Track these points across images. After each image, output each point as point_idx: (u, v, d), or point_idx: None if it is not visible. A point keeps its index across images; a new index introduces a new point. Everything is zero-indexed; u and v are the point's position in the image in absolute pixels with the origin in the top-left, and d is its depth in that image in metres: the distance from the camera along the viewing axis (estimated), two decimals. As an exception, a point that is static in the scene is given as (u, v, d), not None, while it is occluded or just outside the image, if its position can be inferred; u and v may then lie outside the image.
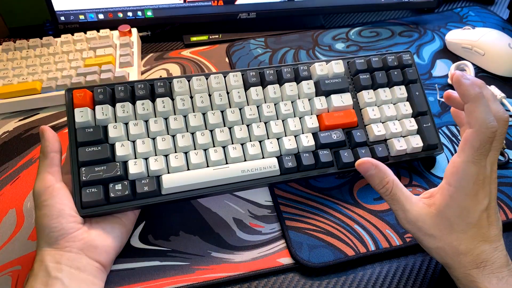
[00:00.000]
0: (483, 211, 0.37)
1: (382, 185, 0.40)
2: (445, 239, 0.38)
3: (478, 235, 0.37)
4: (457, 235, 0.37)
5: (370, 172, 0.40)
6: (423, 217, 0.38)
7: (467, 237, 0.37)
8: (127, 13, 0.69)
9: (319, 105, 0.49)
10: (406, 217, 0.39)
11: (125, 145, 0.44)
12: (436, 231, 0.38)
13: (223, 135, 0.46)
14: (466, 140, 0.37)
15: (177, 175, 0.43)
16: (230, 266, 0.44)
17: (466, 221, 0.37)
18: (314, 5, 0.71)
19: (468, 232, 0.37)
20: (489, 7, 0.79)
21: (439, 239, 0.38)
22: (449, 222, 0.37)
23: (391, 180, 0.39)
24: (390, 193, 0.39)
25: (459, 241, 0.37)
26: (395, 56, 0.52)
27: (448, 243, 0.38)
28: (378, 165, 0.40)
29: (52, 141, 0.42)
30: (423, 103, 0.50)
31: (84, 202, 0.41)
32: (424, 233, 0.38)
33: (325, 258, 0.44)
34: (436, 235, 0.38)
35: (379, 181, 0.40)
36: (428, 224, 0.38)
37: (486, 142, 0.36)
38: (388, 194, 0.39)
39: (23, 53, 0.62)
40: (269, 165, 0.45)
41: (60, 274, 0.37)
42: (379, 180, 0.40)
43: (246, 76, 0.49)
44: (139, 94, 0.46)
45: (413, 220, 0.38)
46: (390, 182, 0.39)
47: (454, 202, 0.37)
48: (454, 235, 0.37)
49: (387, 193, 0.39)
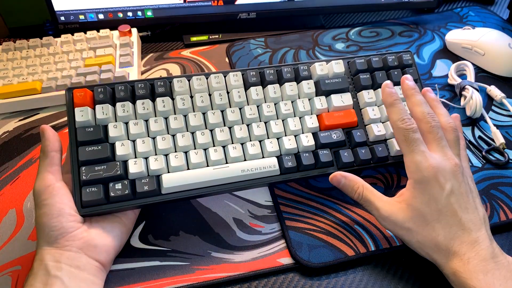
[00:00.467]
0: (448, 195, 0.38)
1: (354, 191, 0.43)
2: (422, 232, 0.39)
3: (453, 223, 0.38)
4: (432, 225, 0.38)
5: (342, 183, 0.44)
6: (395, 212, 0.40)
7: (442, 226, 0.38)
8: (127, 13, 0.69)
9: (319, 105, 0.49)
10: (380, 215, 0.41)
11: (125, 144, 0.44)
12: (410, 224, 0.39)
13: (223, 134, 0.46)
14: (396, 140, 0.43)
15: (177, 174, 0.43)
16: (230, 266, 0.44)
17: (435, 207, 0.38)
18: (314, 5, 0.71)
19: (442, 220, 0.38)
20: (489, 7, 0.79)
21: (416, 232, 0.39)
22: (420, 213, 0.39)
23: (361, 185, 0.43)
24: (362, 197, 0.42)
25: (435, 231, 0.38)
26: (395, 56, 0.52)
27: (426, 235, 0.38)
28: (347, 176, 0.44)
29: (52, 140, 0.42)
30: (423, 103, 0.50)
31: (84, 201, 0.41)
32: (400, 227, 0.40)
33: (325, 258, 0.44)
34: (412, 228, 0.39)
35: (351, 189, 0.43)
36: (401, 218, 0.39)
37: (409, 133, 0.41)
38: (361, 198, 0.43)
39: (23, 53, 0.62)
40: (269, 164, 0.45)
41: (60, 273, 0.37)
42: (350, 188, 0.43)
43: (246, 76, 0.49)
44: (139, 94, 0.46)
45: (386, 215, 0.40)
46: (360, 187, 0.43)
47: (418, 192, 0.39)
48: (429, 226, 0.38)
49: (360, 197, 0.43)
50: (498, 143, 0.54)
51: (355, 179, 0.43)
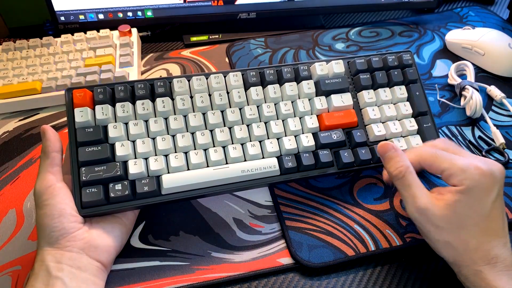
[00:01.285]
0: (494, 200, 0.37)
1: (396, 167, 0.40)
2: (455, 233, 0.37)
3: (489, 228, 0.37)
4: (469, 229, 0.37)
5: (389, 154, 0.41)
6: (432, 207, 0.38)
7: (479, 231, 0.37)
8: (127, 13, 0.69)
9: (319, 105, 0.49)
10: (415, 204, 0.39)
11: (125, 145, 0.44)
12: (445, 224, 0.38)
13: (223, 135, 0.46)
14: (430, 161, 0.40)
15: (177, 175, 0.43)
16: (230, 266, 0.44)
17: (479, 212, 0.37)
18: (314, 5, 0.71)
19: (481, 225, 0.37)
20: (489, 7, 0.79)
21: (449, 233, 0.38)
22: (460, 216, 0.37)
23: (406, 165, 0.40)
24: (403, 177, 0.40)
25: (470, 235, 0.37)
26: (395, 56, 0.52)
27: (458, 238, 0.37)
28: (398, 149, 0.42)
29: (53, 140, 0.42)
30: (424, 103, 0.51)
31: (84, 202, 0.41)
32: (432, 224, 0.38)
33: (325, 258, 0.44)
34: (445, 228, 0.38)
35: (395, 163, 0.41)
36: (438, 215, 0.38)
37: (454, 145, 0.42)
38: (400, 177, 0.40)
39: (23, 53, 0.62)
40: (269, 165, 0.45)
41: (61, 273, 0.37)
42: (395, 162, 0.41)
43: (246, 76, 0.49)
44: (139, 94, 0.46)
45: (422, 208, 0.38)
46: (405, 167, 0.40)
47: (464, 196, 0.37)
48: (465, 230, 0.37)
49: (400, 176, 0.40)
50: (498, 143, 0.54)
51: (403, 157, 0.41)
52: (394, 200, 0.49)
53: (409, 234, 0.46)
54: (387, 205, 0.48)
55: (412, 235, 0.45)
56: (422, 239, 0.45)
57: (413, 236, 0.45)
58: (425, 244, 0.45)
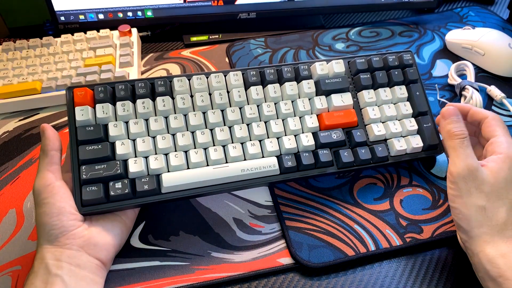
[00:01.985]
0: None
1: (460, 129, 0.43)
2: (490, 200, 0.39)
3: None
4: (504, 201, 0.39)
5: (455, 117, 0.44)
6: (482, 170, 0.40)
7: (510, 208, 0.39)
8: (127, 13, 0.69)
9: (319, 104, 0.49)
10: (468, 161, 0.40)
11: (125, 143, 0.44)
12: (488, 188, 0.39)
13: (223, 134, 0.46)
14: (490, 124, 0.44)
15: (177, 174, 0.43)
16: (230, 266, 0.43)
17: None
18: (314, 5, 0.71)
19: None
20: (489, 7, 0.79)
21: (488, 198, 0.39)
22: (499, 185, 0.39)
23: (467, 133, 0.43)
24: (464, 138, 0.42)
25: (504, 207, 0.39)
26: (395, 56, 0.52)
27: (492, 206, 0.39)
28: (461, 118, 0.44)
29: (52, 139, 0.42)
30: (424, 103, 0.50)
31: (84, 200, 0.41)
32: (477, 186, 0.39)
33: (325, 258, 0.44)
34: (487, 192, 0.39)
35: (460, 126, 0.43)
36: (484, 179, 0.40)
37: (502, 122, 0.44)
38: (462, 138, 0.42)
39: (23, 53, 0.62)
40: (268, 164, 0.45)
41: (60, 271, 0.37)
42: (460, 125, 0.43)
43: (247, 75, 0.49)
44: (140, 93, 0.46)
45: (474, 166, 0.40)
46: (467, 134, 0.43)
47: (506, 166, 0.40)
48: (501, 201, 0.39)
49: (462, 136, 0.42)
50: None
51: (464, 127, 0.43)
52: (394, 200, 0.49)
53: (409, 234, 0.46)
54: (387, 205, 0.48)
55: (412, 235, 0.45)
56: (422, 239, 0.45)
57: (413, 236, 0.45)
58: (426, 244, 0.45)
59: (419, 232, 0.46)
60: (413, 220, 0.47)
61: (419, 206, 0.48)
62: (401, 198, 0.49)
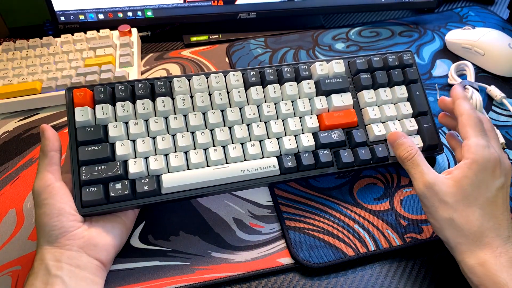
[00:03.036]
0: (499, 188, 0.39)
1: (407, 150, 0.43)
2: (460, 211, 0.38)
3: (494, 215, 0.38)
4: (474, 209, 0.38)
5: (399, 140, 0.44)
6: (440, 182, 0.39)
7: (483, 213, 0.38)
8: (127, 13, 0.69)
9: (319, 105, 0.49)
10: (424, 179, 0.40)
11: (125, 144, 0.44)
12: (452, 199, 0.38)
13: (223, 134, 0.46)
14: (463, 125, 0.42)
15: (177, 174, 0.43)
16: (230, 266, 0.44)
17: (484, 195, 0.38)
18: (314, 5, 0.71)
19: (485, 209, 0.38)
20: (489, 7, 0.79)
21: (454, 209, 0.38)
22: (466, 193, 0.38)
23: (415, 149, 0.43)
24: (413, 158, 0.42)
25: (475, 216, 0.38)
26: (395, 56, 0.52)
27: (464, 216, 0.38)
28: (407, 137, 0.45)
29: (52, 140, 0.42)
30: (424, 103, 0.50)
31: (84, 201, 0.41)
32: (439, 199, 0.39)
33: (325, 258, 0.44)
34: (451, 204, 0.38)
35: (406, 147, 0.43)
36: (445, 190, 0.39)
37: (479, 121, 0.42)
38: (410, 158, 0.42)
39: (23, 53, 0.62)
40: (269, 165, 0.45)
41: (60, 272, 0.37)
42: (405, 146, 0.43)
43: (247, 76, 0.49)
44: (139, 94, 0.46)
45: (430, 182, 0.39)
46: (415, 150, 0.43)
47: (471, 172, 0.39)
48: (471, 209, 0.38)
49: (410, 157, 0.42)
50: (498, 143, 0.54)
51: (413, 144, 0.44)
52: (394, 200, 0.49)
53: (409, 234, 0.46)
54: (387, 205, 0.48)
55: (412, 235, 0.45)
56: (422, 239, 0.45)
57: (413, 236, 0.45)
58: (426, 244, 0.45)
59: (419, 232, 0.46)
60: (413, 220, 0.47)
61: (419, 206, 0.48)
62: (401, 198, 0.49)
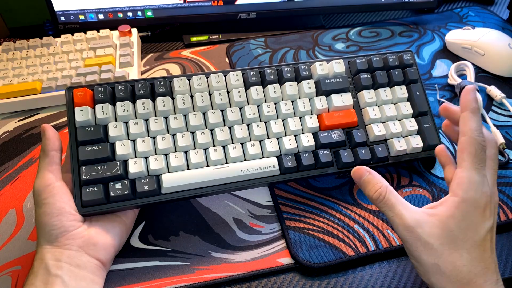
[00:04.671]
0: (488, 231, 0.36)
1: (375, 189, 0.38)
2: (446, 255, 0.35)
3: (482, 259, 0.35)
4: (461, 253, 0.35)
5: (364, 178, 0.40)
6: (423, 223, 0.36)
7: (471, 259, 0.35)
8: (127, 13, 0.69)
9: (320, 105, 0.49)
10: (404, 223, 0.36)
11: (125, 144, 0.44)
12: (436, 242, 0.35)
13: (223, 134, 0.46)
14: (462, 149, 0.38)
15: (177, 174, 0.43)
16: (230, 266, 0.43)
17: (472, 238, 0.35)
18: (314, 5, 0.71)
19: (473, 253, 0.35)
20: (489, 7, 0.79)
21: (439, 254, 0.35)
22: (453, 236, 0.35)
23: (385, 186, 0.38)
24: (384, 199, 0.38)
25: (461, 261, 0.34)
26: (396, 56, 0.52)
27: (450, 261, 0.35)
28: (372, 172, 0.40)
29: (52, 139, 0.42)
30: (424, 103, 0.50)
31: (84, 201, 0.41)
32: (423, 243, 0.35)
33: (325, 258, 0.44)
34: (436, 248, 0.35)
35: (372, 186, 0.39)
36: (428, 232, 0.35)
37: (481, 149, 0.37)
38: (382, 200, 0.38)
39: (23, 53, 0.62)
40: (269, 165, 0.45)
41: (60, 271, 0.37)
42: (372, 185, 0.39)
43: (247, 75, 0.49)
44: (139, 93, 0.46)
45: (411, 225, 0.36)
46: (384, 187, 0.38)
47: (459, 213, 0.35)
48: (457, 253, 0.35)
49: (381, 198, 0.38)
50: (498, 143, 0.54)
51: (380, 179, 0.39)
52: (394, 200, 0.49)
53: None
54: (387, 205, 0.48)
55: (412, 235, 0.45)
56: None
57: (413, 236, 0.45)
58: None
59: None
60: (413, 220, 0.47)
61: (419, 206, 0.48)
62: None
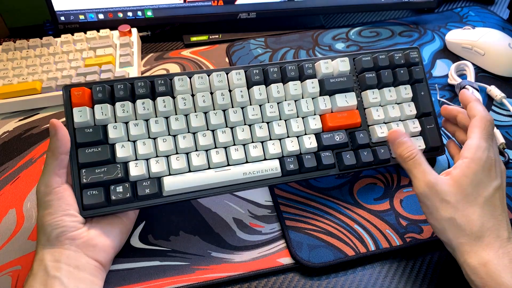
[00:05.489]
0: (496, 189, 0.39)
1: (408, 150, 0.42)
2: (461, 210, 0.38)
3: (493, 216, 0.38)
4: (474, 208, 0.38)
5: (400, 139, 0.43)
6: (441, 182, 0.39)
7: (483, 213, 0.38)
8: (127, 13, 0.68)
9: (323, 105, 0.48)
10: (426, 179, 0.40)
11: (125, 146, 0.43)
12: (453, 198, 0.39)
13: (225, 136, 0.45)
14: (472, 125, 0.42)
15: (179, 177, 0.43)
16: (230, 266, 0.44)
17: (482, 195, 0.39)
18: (314, 5, 0.71)
19: (485, 209, 0.38)
20: (489, 7, 0.79)
21: (455, 209, 0.38)
22: (466, 192, 0.39)
23: (417, 149, 0.42)
24: (414, 157, 0.42)
25: (475, 215, 0.38)
26: (402, 54, 0.51)
27: (464, 215, 0.38)
28: (408, 136, 0.44)
29: (64, 141, 0.41)
30: (428, 103, 0.50)
31: (85, 204, 0.41)
32: (440, 199, 0.39)
33: (325, 258, 0.44)
34: (452, 203, 0.38)
35: (407, 147, 0.43)
36: (446, 189, 0.39)
37: (489, 124, 0.42)
38: (412, 157, 0.42)
39: (23, 53, 0.62)
40: (271, 167, 0.45)
41: (59, 273, 0.37)
42: (407, 146, 0.43)
43: (249, 74, 0.47)
44: (139, 93, 0.45)
45: (432, 182, 0.39)
46: (416, 150, 0.42)
47: (470, 171, 0.39)
48: (471, 208, 0.38)
49: (412, 156, 0.42)
50: (498, 143, 0.54)
51: (414, 144, 0.43)
52: (394, 200, 0.49)
53: (409, 234, 0.46)
54: (387, 205, 0.48)
55: (412, 235, 0.45)
56: (422, 239, 0.45)
57: (413, 236, 0.45)
58: (426, 244, 0.45)
59: (419, 232, 0.46)
60: (413, 220, 0.47)
61: (419, 206, 0.48)
62: (401, 198, 0.49)
